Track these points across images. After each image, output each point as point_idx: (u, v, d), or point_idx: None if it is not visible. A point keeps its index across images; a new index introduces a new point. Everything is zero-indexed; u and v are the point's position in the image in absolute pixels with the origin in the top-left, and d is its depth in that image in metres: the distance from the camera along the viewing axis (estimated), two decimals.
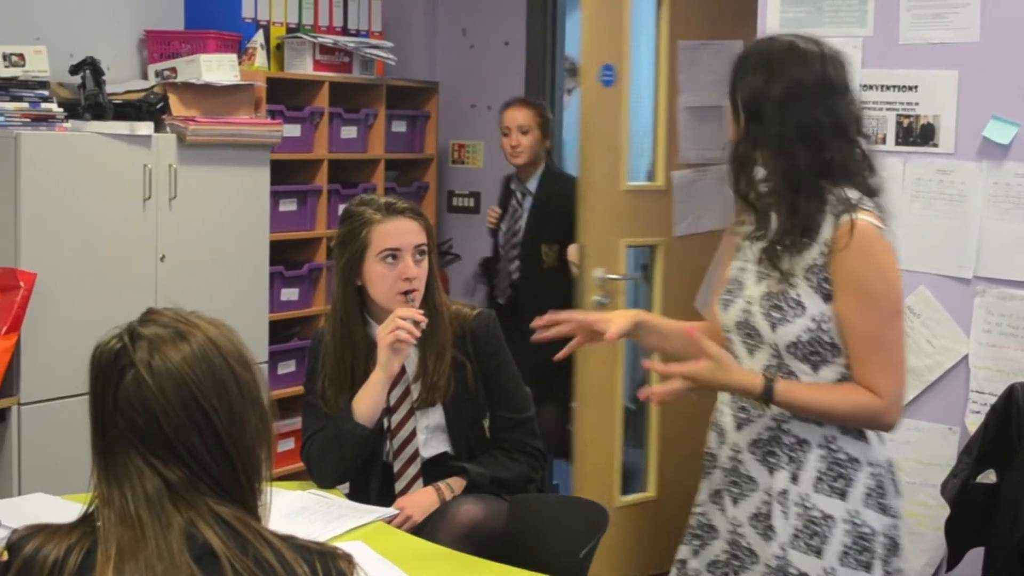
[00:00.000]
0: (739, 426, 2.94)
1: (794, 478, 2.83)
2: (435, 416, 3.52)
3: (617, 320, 3.13)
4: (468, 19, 6.67)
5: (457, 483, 3.48)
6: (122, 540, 1.87)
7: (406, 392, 3.49)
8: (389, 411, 3.50)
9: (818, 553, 2.79)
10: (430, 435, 3.52)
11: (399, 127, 6.41)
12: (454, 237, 6.73)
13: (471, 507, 3.37)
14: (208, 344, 1.95)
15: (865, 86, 4.01)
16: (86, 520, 1.93)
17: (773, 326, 2.83)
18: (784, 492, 2.84)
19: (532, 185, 5.84)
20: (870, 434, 2.86)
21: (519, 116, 5.78)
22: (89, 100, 4.84)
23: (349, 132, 6.09)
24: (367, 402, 3.43)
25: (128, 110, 4.93)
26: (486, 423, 3.59)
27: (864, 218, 2.77)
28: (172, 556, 1.85)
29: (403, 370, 3.49)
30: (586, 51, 5.04)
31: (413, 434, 3.51)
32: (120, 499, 1.89)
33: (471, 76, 6.66)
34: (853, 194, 2.81)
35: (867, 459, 2.84)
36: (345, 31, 6.14)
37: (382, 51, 6.19)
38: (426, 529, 3.31)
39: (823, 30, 4.00)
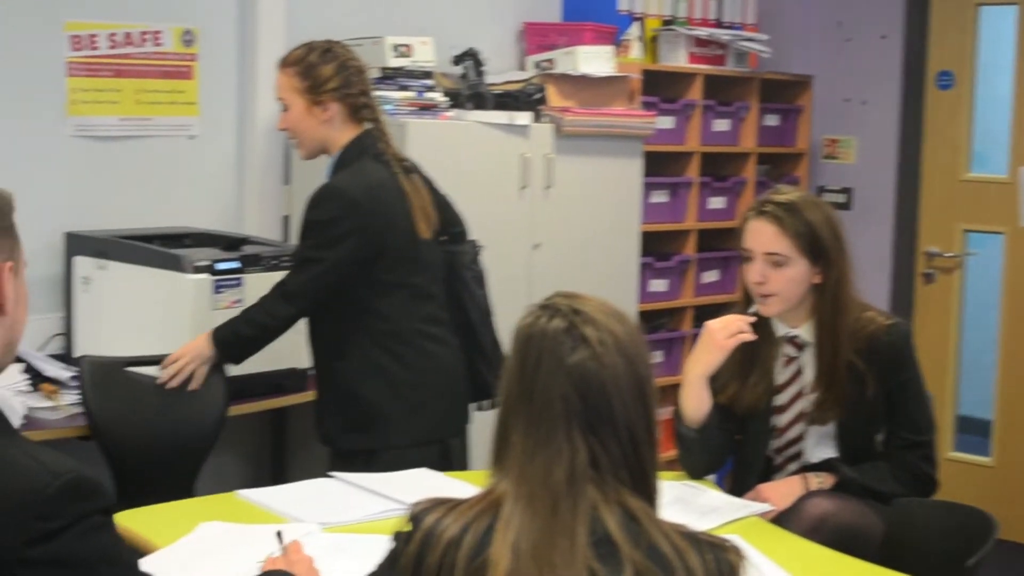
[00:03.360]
0: None
1: None
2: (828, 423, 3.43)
3: None
4: (844, 11, 6.52)
5: (826, 479, 3.38)
6: (524, 519, 1.89)
7: (798, 395, 3.41)
8: (779, 410, 3.44)
9: None
10: (819, 441, 3.43)
11: (771, 121, 6.33)
12: None
13: (821, 500, 3.27)
14: (634, 325, 2.00)
15: None
16: (486, 496, 1.96)
17: None
18: None
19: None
20: None
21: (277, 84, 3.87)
22: (471, 90, 4.95)
23: (721, 125, 6.05)
24: (687, 402, 3.38)
25: (507, 100, 5.02)
26: (879, 438, 3.46)
27: None
28: (573, 541, 1.87)
29: (799, 372, 3.41)
30: (931, 58, 6.22)
31: (800, 438, 3.43)
32: (538, 473, 1.91)
33: (846, 70, 6.50)
34: None
35: None
36: (720, 24, 6.10)
37: (756, 44, 6.12)
38: (779, 519, 3.24)
39: None
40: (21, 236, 1.96)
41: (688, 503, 3.20)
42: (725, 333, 3.33)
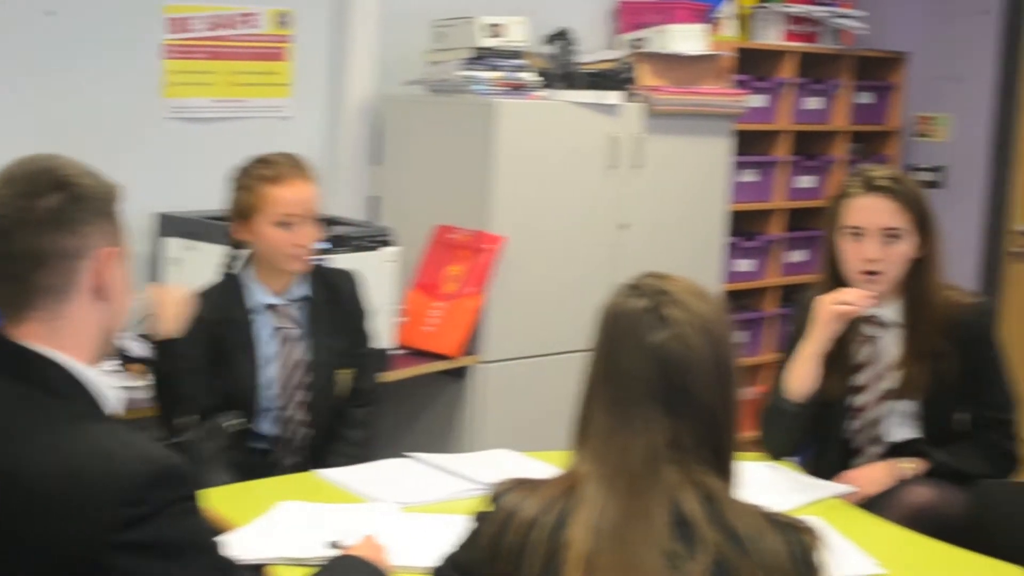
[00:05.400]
0: None
1: None
2: (908, 403, 3.42)
3: None
4: None
5: (919, 465, 3.37)
6: (603, 498, 1.91)
7: (878, 376, 3.41)
8: (855, 390, 3.44)
9: None
10: (900, 420, 3.43)
11: (865, 98, 6.27)
12: None
13: (925, 489, 3.27)
14: (719, 306, 2.02)
15: None
16: (568, 477, 1.98)
17: None
18: None
19: (299, 291, 3.58)
20: None
21: (305, 192, 3.50)
22: (562, 69, 4.96)
23: (813, 103, 6.01)
24: (795, 377, 3.38)
25: (598, 79, 5.02)
26: (962, 417, 3.45)
27: None
28: (652, 522, 1.89)
29: (878, 352, 3.40)
30: None
31: (879, 419, 3.42)
32: (618, 453, 1.93)
33: (942, 47, 6.40)
34: None
35: None
36: (816, 0, 6.04)
37: (852, 20, 6.07)
38: (874, 505, 3.23)
39: None
40: None
41: (770, 484, 3.20)
42: (825, 307, 3.34)
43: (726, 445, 1.98)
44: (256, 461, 3.48)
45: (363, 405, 3.69)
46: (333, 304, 3.62)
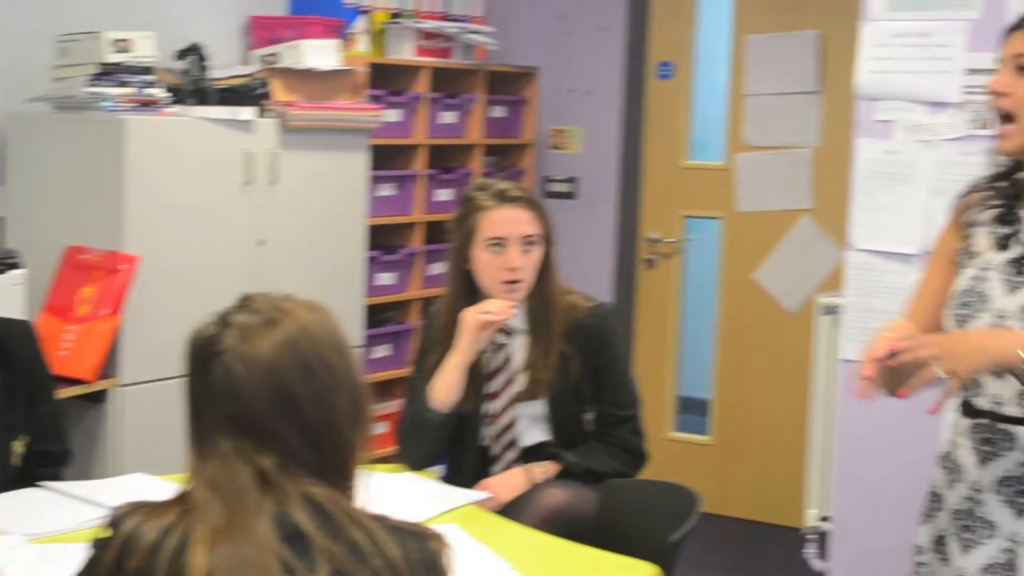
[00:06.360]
0: (983, 461, 2.56)
1: None
2: (537, 405, 3.51)
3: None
4: (567, 4, 6.63)
5: (550, 467, 3.48)
6: (215, 521, 1.90)
7: (508, 381, 3.50)
8: (488, 397, 3.51)
9: None
10: (530, 424, 3.52)
11: (498, 112, 6.41)
12: None
13: (557, 491, 3.37)
14: (297, 330, 1.98)
15: (971, 70, 3.94)
16: (184, 499, 1.96)
17: None
18: None
19: None
20: None
21: None
22: (193, 85, 4.89)
23: (448, 117, 6.10)
24: (442, 387, 3.44)
25: (231, 95, 4.97)
26: (590, 417, 3.58)
27: None
28: (260, 539, 1.88)
29: (507, 359, 3.49)
30: (651, 49, 6.47)
31: (513, 424, 3.51)
32: (213, 481, 1.92)
33: (570, 61, 6.61)
34: None
35: None
36: (447, 16, 6.16)
37: (483, 36, 6.20)
38: (511, 510, 3.32)
39: (928, 12, 3.98)
40: None
41: (406, 494, 3.25)
42: (470, 318, 3.40)
43: (334, 461, 1.98)
44: None
45: (54, 467, 3.47)
46: (3, 368, 3.39)
